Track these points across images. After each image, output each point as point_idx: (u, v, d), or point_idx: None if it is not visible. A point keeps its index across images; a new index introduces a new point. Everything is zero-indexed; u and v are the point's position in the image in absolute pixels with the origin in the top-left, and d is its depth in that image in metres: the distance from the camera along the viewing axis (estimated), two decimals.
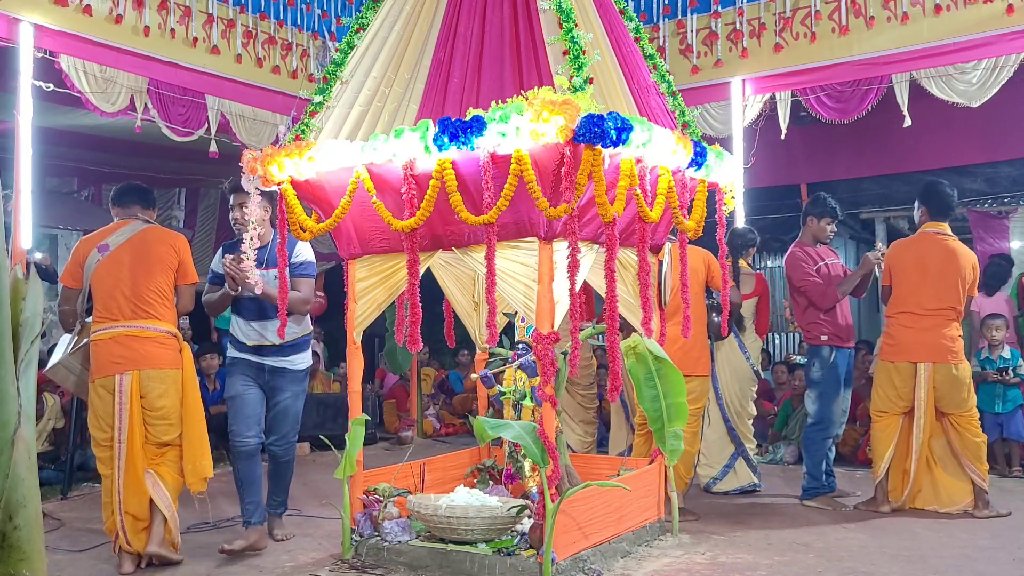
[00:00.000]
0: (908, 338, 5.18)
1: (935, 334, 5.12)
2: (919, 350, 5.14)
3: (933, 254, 5.21)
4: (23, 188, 6.00)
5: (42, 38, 6.12)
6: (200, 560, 4.30)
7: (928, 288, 5.15)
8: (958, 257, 5.19)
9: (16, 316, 2.02)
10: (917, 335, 5.15)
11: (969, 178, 10.30)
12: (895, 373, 5.21)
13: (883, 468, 5.21)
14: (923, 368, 5.12)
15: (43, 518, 2.23)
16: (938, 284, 5.14)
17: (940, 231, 5.29)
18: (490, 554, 3.86)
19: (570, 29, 3.80)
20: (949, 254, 5.20)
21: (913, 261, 5.23)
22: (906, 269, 5.24)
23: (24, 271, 2.12)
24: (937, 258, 5.19)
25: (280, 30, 7.84)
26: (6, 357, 1.97)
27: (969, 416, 5.14)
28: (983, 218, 9.99)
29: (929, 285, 5.16)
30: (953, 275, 5.15)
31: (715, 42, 7.65)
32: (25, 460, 1.99)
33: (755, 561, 4.18)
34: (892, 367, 5.23)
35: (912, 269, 5.21)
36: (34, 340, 2.05)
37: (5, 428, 1.96)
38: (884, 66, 6.92)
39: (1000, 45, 6.51)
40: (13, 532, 1.96)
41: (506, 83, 3.99)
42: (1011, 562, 4.16)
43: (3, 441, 1.96)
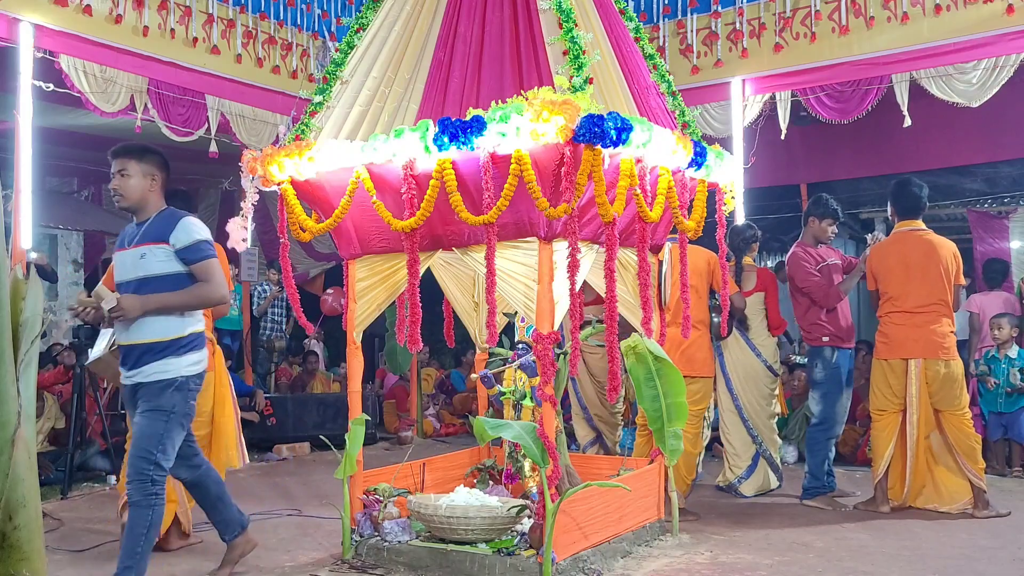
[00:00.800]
0: (900, 335, 5.21)
1: (926, 330, 5.15)
2: (910, 346, 5.16)
3: (912, 252, 5.24)
4: (23, 188, 6.01)
5: (42, 38, 6.12)
6: (200, 560, 4.30)
7: (914, 286, 5.18)
8: (937, 250, 5.22)
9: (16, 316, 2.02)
10: (908, 331, 5.18)
11: (969, 178, 10.31)
12: (889, 371, 5.24)
13: (883, 467, 5.23)
14: (914, 364, 5.14)
15: (43, 518, 2.23)
16: (923, 280, 5.17)
17: (914, 228, 5.32)
18: (490, 554, 3.86)
19: (570, 29, 3.81)
20: (928, 249, 5.23)
21: (895, 262, 5.27)
22: (889, 271, 5.28)
23: (24, 271, 2.12)
24: (917, 255, 5.22)
25: (280, 30, 7.84)
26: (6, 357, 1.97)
27: (961, 415, 5.15)
28: (983, 218, 9.99)
29: (915, 283, 5.19)
30: (935, 269, 5.18)
31: (715, 42, 7.65)
32: (25, 460, 1.99)
33: (755, 561, 4.18)
34: (886, 365, 5.26)
35: (895, 270, 5.25)
36: (34, 340, 2.05)
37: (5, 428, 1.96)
38: (884, 66, 6.92)
39: (1000, 45, 6.51)
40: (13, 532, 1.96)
41: (506, 83, 3.99)
42: (1011, 562, 4.16)
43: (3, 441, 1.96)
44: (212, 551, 4.41)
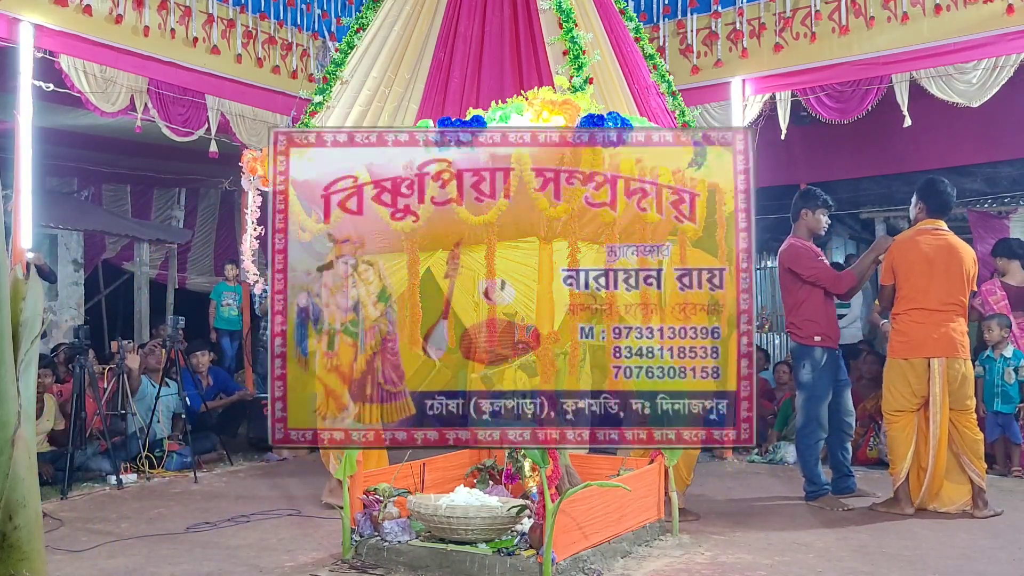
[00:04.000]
0: (921, 334, 5.13)
1: (947, 329, 5.10)
2: (933, 345, 5.10)
3: (936, 250, 5.19)
4: (23, 188, 6.01)
5: (42, 38, 6.12)
6: (201, 560, 4.30)
7: (937, 285, 5.13)
8: (960, 252, 5.20)
9: (16, 316, 2.02)
10: (930, 330, 5.11)
11: (969, 178, 10.29)
12: (909, 370, 5.16)
13: (904, 469, 5.15)
14: (937, 363, 5.08)
15: (43, 518, 2.23)
16: (945, 280, 5.13)
17: (938, 227, 5.29)
18: (490, 554, 3.86)
19: (570, 29, 3.81)
20: (952, 250, 5.20)
21: (918, 259, 5.19)
22: (911, 267, 5.20)
23: (24, 271, 2.12)
24: (942, 255, 5.17)
25: (280, 30, 7.84)
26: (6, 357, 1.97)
27: (969, 414, 5.15)
28: (983, 218, 9.98)
29: (937, 282, 5.13)
30: (958, 271, 5.15)
31: (715, 42, 7.65)
32: (25, 460, 1.99)
33: (755, 561, 4.18)
34: (906, 364, 5.17)
35: (917, 266, 5.18)
36: (34, 340, 2.05)
37: (5, 428, 1.96)
38: (884, 66, 6.92)
39: (1000, 45, 6.51)
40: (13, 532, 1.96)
41: (506, 83, 3.99)
42: (1011, 562, 4.16)
43: (3, 441, 1.96)
44: (213, 549, 4.41)
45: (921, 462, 5.18)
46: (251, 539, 4.66)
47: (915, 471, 5.22)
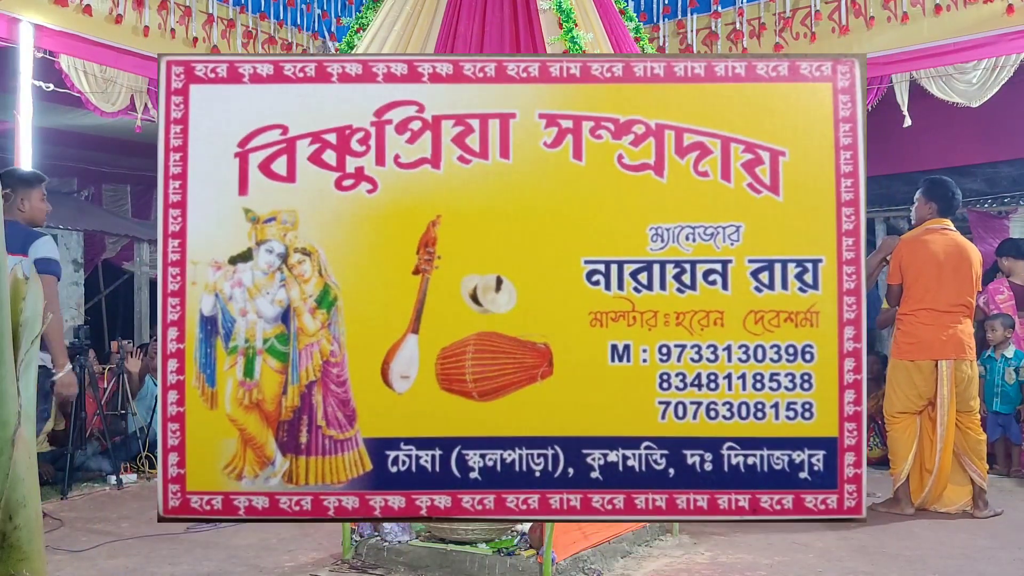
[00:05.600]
0: (929, 335, 5.10)
1: (955, 330, 5.09)
2: (941, 347, 5.08)
3: (945, 250, 5.17)
4: None
5: (42, 38, 6.12)
6: (201, 560, 4.30)
7: (946, 285, 5.11)
8: (969, 253, 5.19)
9: (16, 316, 2.02)
10: (938, 332, 5.08)
11: (969, 178, 10.28)
12: (916, 372, 5.13)
13: (905, 470, 5.15)
14: (945, 365, 5.07)
15: (43, 518, 2.23)
16: (954, 281, 5.12)
17: (945, 227, 5.28)
18: (490, 554, 3.86)
19: (570, 29, 3.81)
20: (961, 251, 5.18)
21: (927, 259, 5.16)
22: (921, 267, 5.16)
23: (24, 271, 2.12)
24: (951, 255, 5.15)
25: (280, 30, 7.85)
26: (6, 357, 1.97)
27: (973, 415, 5.16)
28: (983, 218, 9.97)
29: (947, 282, 5.11)
30: (967, 271, 5.14)
31: (715, 42, 7.65)
32: (25, 460, 1.99)
33: (755, 561, 4.18)
34: (912, 366, 5.14)
35: (927, 266, 5.15)
36: (34, 340, 2.05)
37: (5, 428, 1.96)
38: (884, 66, 6.92)
39: (1000, 45, 6.51)
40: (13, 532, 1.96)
41: None
42: (1011, 562, 4.16)
43: (3, 441, 1.96)
44: (213, 549, 4.41)
45: (925, 464, 5.17)
46: (251, 539, 4.66)
47: (917, 472, 5.21)
